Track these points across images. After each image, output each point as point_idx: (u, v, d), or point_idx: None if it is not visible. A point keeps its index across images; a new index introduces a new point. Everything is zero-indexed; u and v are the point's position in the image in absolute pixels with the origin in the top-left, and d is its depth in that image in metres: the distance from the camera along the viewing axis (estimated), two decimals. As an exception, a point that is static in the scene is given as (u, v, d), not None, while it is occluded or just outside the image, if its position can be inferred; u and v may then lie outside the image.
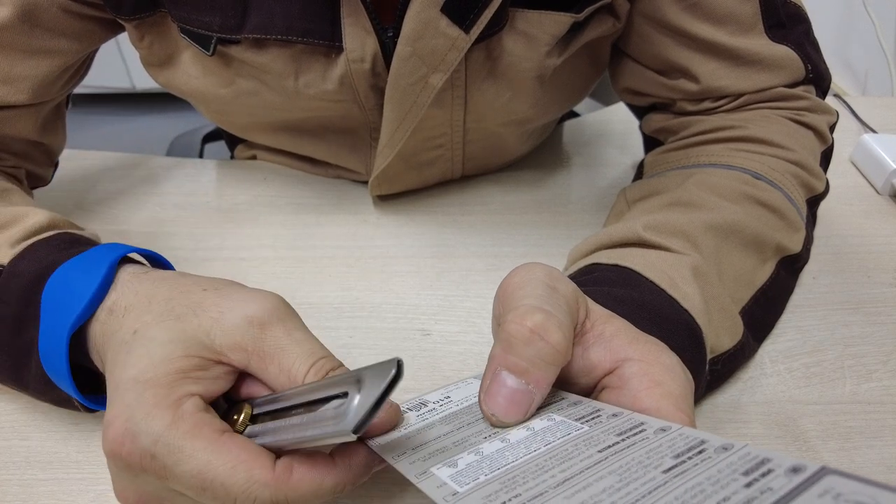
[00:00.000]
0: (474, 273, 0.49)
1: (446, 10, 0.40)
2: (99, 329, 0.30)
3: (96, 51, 0.51)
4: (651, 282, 0.35)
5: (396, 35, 0.42)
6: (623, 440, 0.24)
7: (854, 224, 0.54)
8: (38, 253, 0.34)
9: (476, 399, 0.29)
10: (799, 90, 0.47)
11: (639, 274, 0.36)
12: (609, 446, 0.24)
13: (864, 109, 0.68)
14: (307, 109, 0.49)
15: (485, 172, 0.59)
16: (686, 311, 0.34)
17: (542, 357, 0.25)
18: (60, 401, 0.34)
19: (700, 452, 0.23)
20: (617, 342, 0.27)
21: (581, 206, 0.56)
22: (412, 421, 0.30)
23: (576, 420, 0.27)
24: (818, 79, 0.48)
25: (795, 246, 0.43)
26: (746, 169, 0.44)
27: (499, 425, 0.26)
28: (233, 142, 0.66)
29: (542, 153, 0.62)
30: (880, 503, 0.17)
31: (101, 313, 0.30)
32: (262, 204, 0.56)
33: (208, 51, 0.45)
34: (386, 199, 0.56)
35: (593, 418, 0.27)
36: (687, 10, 0.45)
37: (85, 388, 0.32)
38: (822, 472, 0.19)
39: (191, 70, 0.48)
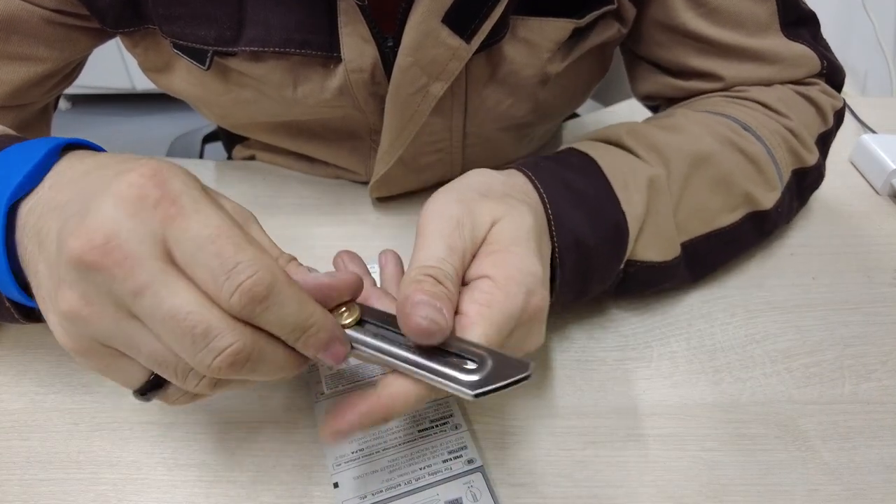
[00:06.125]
0: (474, 273, 0.48)
1: (447, 20, 0.40)
2: (41, 200, 0.28)
3: (87, 57, 0.51)
4: (605, 177, 0.38)
5: (396, 44, 0.41)
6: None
7: (853, 224, 0.54)
8: None
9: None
10: (812, 80, 0.48)
11: (599, 168, 0.39)
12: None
13: (863, 110, 0.68)
14: (307, 114, 0.49)
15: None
16: (623, 212, 0.37)
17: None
18: None
19: None
20: (489, 260, 0.30)
21: (581, 207, 0.56)
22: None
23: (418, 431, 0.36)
24: (832, 73, 0.49)
25: (767, 203, 0.44)
26: (738, 119, 0.45)
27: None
28: (231, 142, 0.66)
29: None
30: None
31: (42, 189, 0.28)
32: (262, 204, 0.56)
33: (203, 64, 0.44)
34: (385, 199, 0.56)
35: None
36: (704, 17, 0.45)
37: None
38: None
39: (188, 78, 0.48)
